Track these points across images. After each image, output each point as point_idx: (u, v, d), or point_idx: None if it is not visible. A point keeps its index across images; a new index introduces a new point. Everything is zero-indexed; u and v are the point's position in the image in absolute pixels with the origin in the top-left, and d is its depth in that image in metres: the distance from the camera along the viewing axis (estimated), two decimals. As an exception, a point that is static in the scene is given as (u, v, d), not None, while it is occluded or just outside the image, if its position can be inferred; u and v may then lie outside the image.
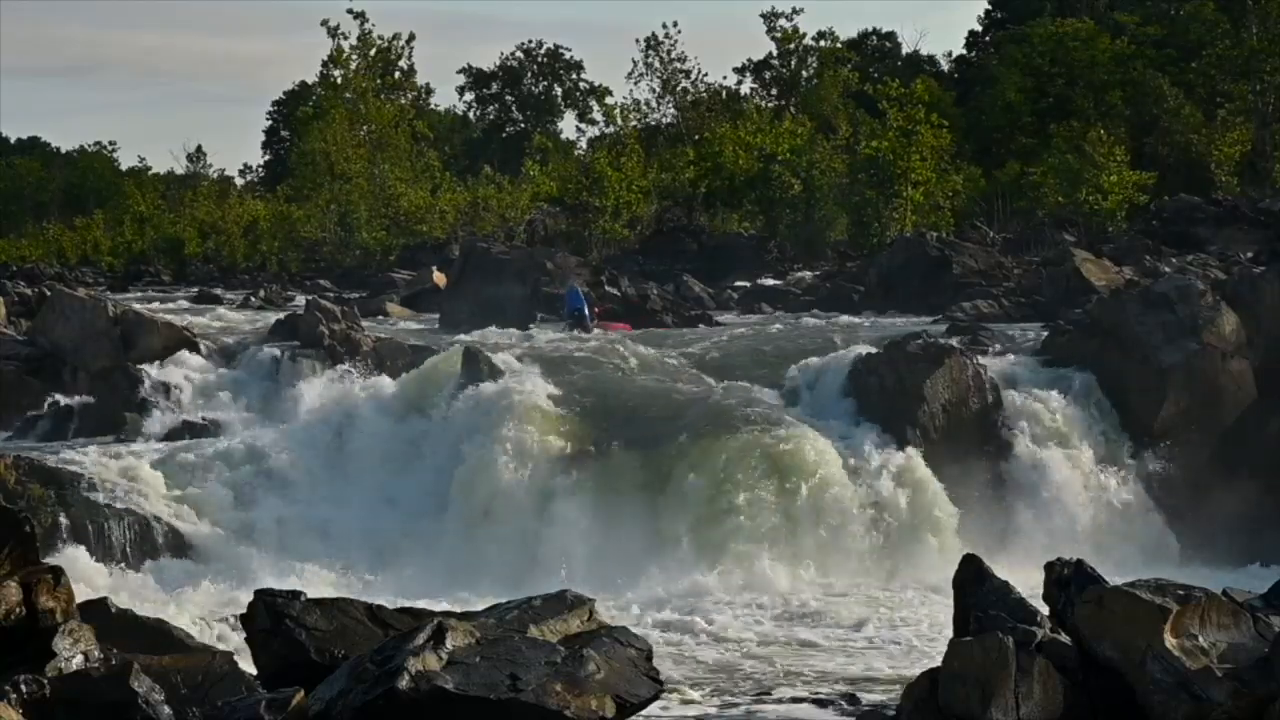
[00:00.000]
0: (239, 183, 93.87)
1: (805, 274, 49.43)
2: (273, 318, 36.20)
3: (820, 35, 74.48)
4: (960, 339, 30.52)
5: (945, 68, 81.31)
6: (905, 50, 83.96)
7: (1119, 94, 60.74)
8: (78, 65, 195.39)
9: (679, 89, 70.53)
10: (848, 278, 45.96)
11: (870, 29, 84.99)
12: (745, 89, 75.13)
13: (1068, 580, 13.80)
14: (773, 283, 47.73)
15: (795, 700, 17.03)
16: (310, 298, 36.24)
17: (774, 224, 56.53)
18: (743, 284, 47.01)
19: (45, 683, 12.74)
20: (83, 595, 14.27)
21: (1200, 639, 12.98)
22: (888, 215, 53.00)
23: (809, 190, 55.60)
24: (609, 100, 73.82)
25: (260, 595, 14.18)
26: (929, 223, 52.32)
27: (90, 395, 29.29)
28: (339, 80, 70.41)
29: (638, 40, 70.05)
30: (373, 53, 69.43)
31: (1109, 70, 61.72)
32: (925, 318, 37.15)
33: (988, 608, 13.73)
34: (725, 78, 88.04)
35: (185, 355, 30.50)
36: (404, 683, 12.49)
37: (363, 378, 29.38)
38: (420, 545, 25.30)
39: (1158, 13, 69.60)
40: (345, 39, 68.92)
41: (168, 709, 12.98)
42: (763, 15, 71.98)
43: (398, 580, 23.83)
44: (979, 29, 79.42)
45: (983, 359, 28.72)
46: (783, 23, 72.21)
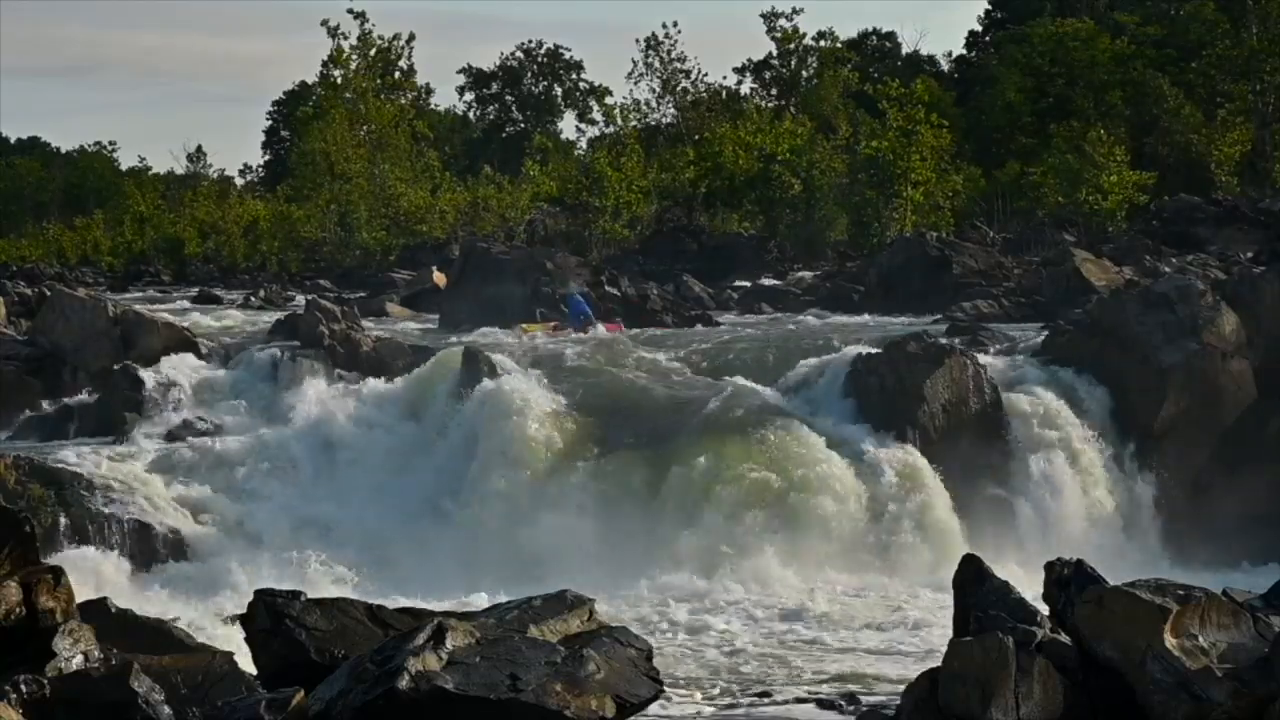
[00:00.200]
0: (239, 183, 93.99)
1: (805, 274, 49.42)
2: (273, 318, 36.21)
3: (820, 35, 74.61)
4: (960, 339, 30.52)
5: (945, 68, 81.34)
6: (905, 50, 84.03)
7: (1119, 94, 60.73)
8: (78, 65, 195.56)
9: (679, 89, 70.54)
10: (848, 278, 45.95)
11: (870, 29, 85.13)
12: (745, 89, 75.25)
13: (1068, 580, 13.80)
14: (773, 283, 47.71)
15: (795, 700, 17.03)
16: (310, 298, 36.22)
17: (774, 224, 56.53)
18: (743, 284, 46.99)
19: (45, 683, 12.74)
20: (82, 595, 14.27)
21: (1200, 639, 12.98)
22: (888, 215, 53.01)
23: (809, 190, 55.60)
24: (609, 100, 73.89)
25: (260, 595, 14.18)
26: (929, 223, 52.33)
27: (90, 395, 29.28)
28: (339, 80, 70.36)
29: (638, 40, 70.15)
30: (373, 53, 69.40)
31: (1109, 70, 61.71)
32: (925, 318, 37.14)
33: (988, 608, 13.73)
34: (725, 78, 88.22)
35: (185, 355, 30.49)
36: (404, 683, 12.49)
37: (363, 378, 29.37)
38: (420, 545, 25.29)
39: (1158, 13, 69.59)
40: (345, 39, 68.96)
41: (168, 709, 12.97)
42: (763, 15, 72.10)
43: (398, 580, 23.81)
44: (979, 29, 79.50)
45: (983, 359, 28.71)
46: (783, 23, 72.30)
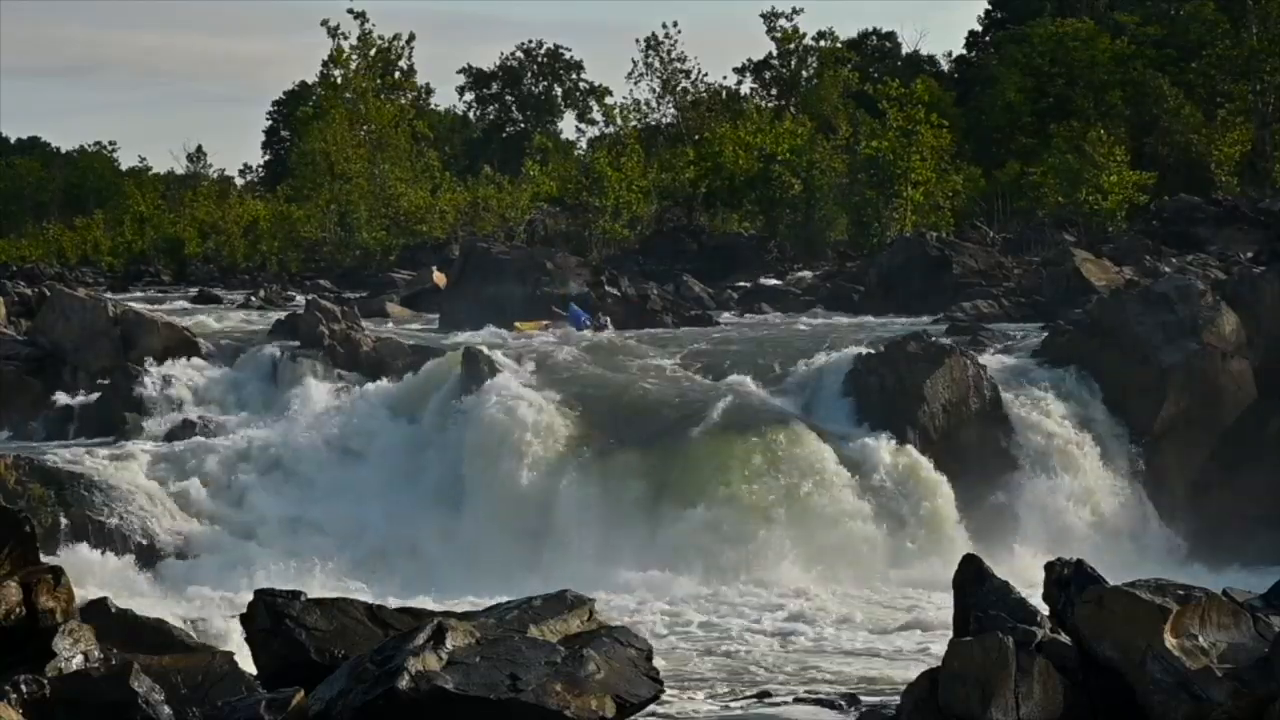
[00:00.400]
0: (239, 183, 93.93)
1: (805, 274, 49.41)
2: (273, 318, 36.20)
3: (820, 35, 74.51)
4: (960, 339, 30.53)
5: (945, 68, 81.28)
6: (905, 50, 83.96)
7: (1119, 94, 60.71)
8: (78, 65, 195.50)
9: (679, 89, 70.51)
10: (848, 278, 45.95)
11: (870, 29, 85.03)
12: (745, 89, 75.18)
13: (1068, 580, 13.80)
14: (773, 283, 47.70)
15: (795, 700, 17.02)
16: (310, 298, 36.23)
17: (774, 224, 56.51)
18: (743, 284, 46.99)
19: (45, 683, 12.74)
20: (82, 596, 14.27)
21: (1200, 639, 12.98)
22: (888, 215, 53.00)
23: (809, 190, 55.57)
24: (609, 100, 73.85)
25: (260, 595, 14.18)
26: (929, 223, 52.32)
27: (90, 395, 29.28)
28: (339, 80, 70.34)
29: (638, 40, 70.06)
30: (373, 53, 69.38)
31: (1109, 70, 61.69)
32: (925, 318, 37.15)
33: (988, 608, 13.73)
34: (725, 78, 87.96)
35: (185, 355, 30.53)
36: (404, 683, 12.49)
37: (363, 378, 29.37)
38: (421, 545, 25.30)
39: (1158, 13, 69.57)
40: (345, 39, 68.92)
41: (168, 709, 12.98)
42: (763, 15, 72.02)
43: (398, 580, 23.83)
44: (979, 29, 79.43)
45: (983, 359, 28.71)
46: (783, 23, 72.21)
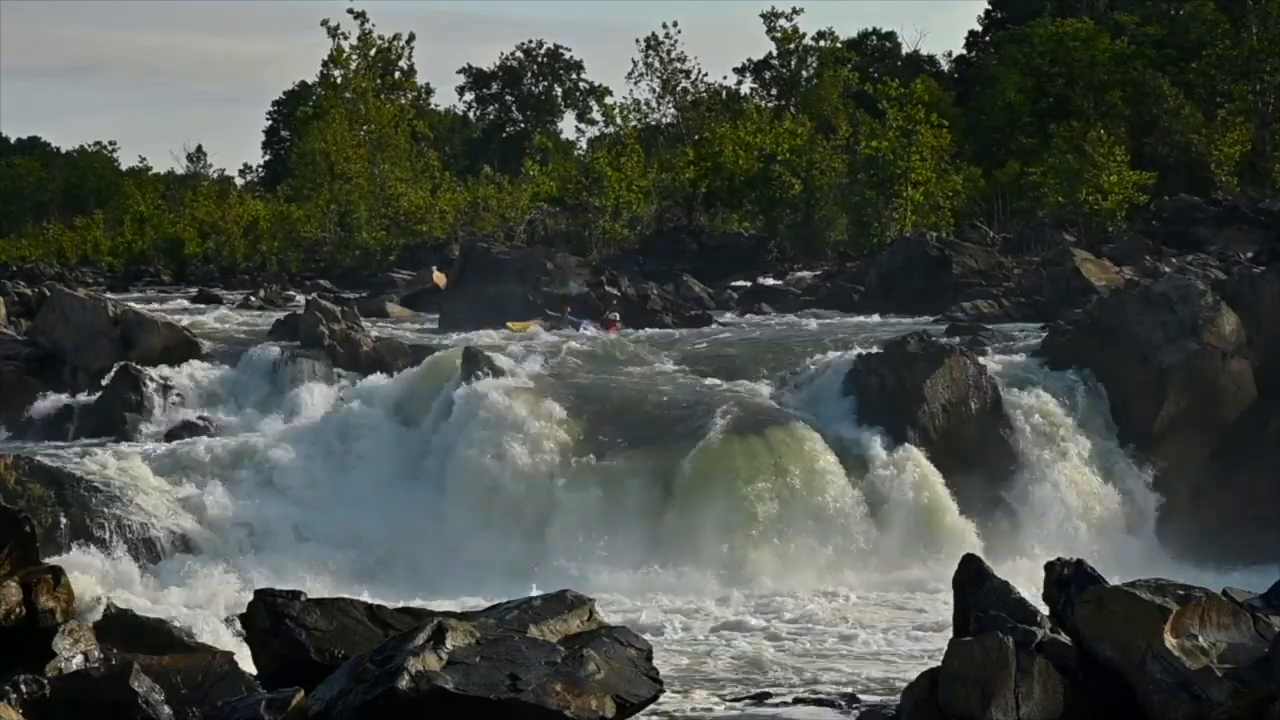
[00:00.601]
0: (239, 183, 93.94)
1: (805, 274, 49.42)
2: (273, 318, 36.19)
3: (820, 35, 74.56)
4: (960, 339, 30.52)
5: (945, 68, 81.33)
6: (905, 50, 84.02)
7: (1119, 94, 60.72)
8: (78, 65, 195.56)
9: (679, 89, 70.54)
10: (848, 278, 45.96)
11: (870, 29, 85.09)
12: (745, 89, 75.22)
13: (1068, 580, 13.81)
14: (773, 283, 47.72)
15: (795, 700, 17.02)
16: (310, 298, 36.21)
17: (774, 224, 56.51)
18: (743, 284, 47.00)
19: (45, 683, 12.75)
20: (81, 596, 14.28)
21: (1200, 639, 12.99)
22: (888, 215, 53.01)
23: (809, 190, 55.58)
24: (609, 100, 73.87)
25: (260, 595, 14.19)
26: (929, 223, 52.33)
27: (90, 395, 29.27)
28: (339, 80, 70.33)
29: (638, 40, 70.13)
30: (373, 53, 69.38)
31: (1109, 70, 61.70)
32: (925, 318, 37.15)
33: (988, 608, 13.74)
34: (725, 78, 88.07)
35: (185, 355, 30.53)
36: (404, 683, 12.49)
37: (363, 377, 29.36)
38: (420, 545, 25.27)
39: (1158, 13, 69.58)
40: (345, 39, 68.92)
41: (168, 709, 12.99)
42: (763, 15, 72.06)
43: (398, 580, 23.81)
44: (979, 29, 79.48)
45: (983, 359, 28.71)
46: (783, 23, 72.25)
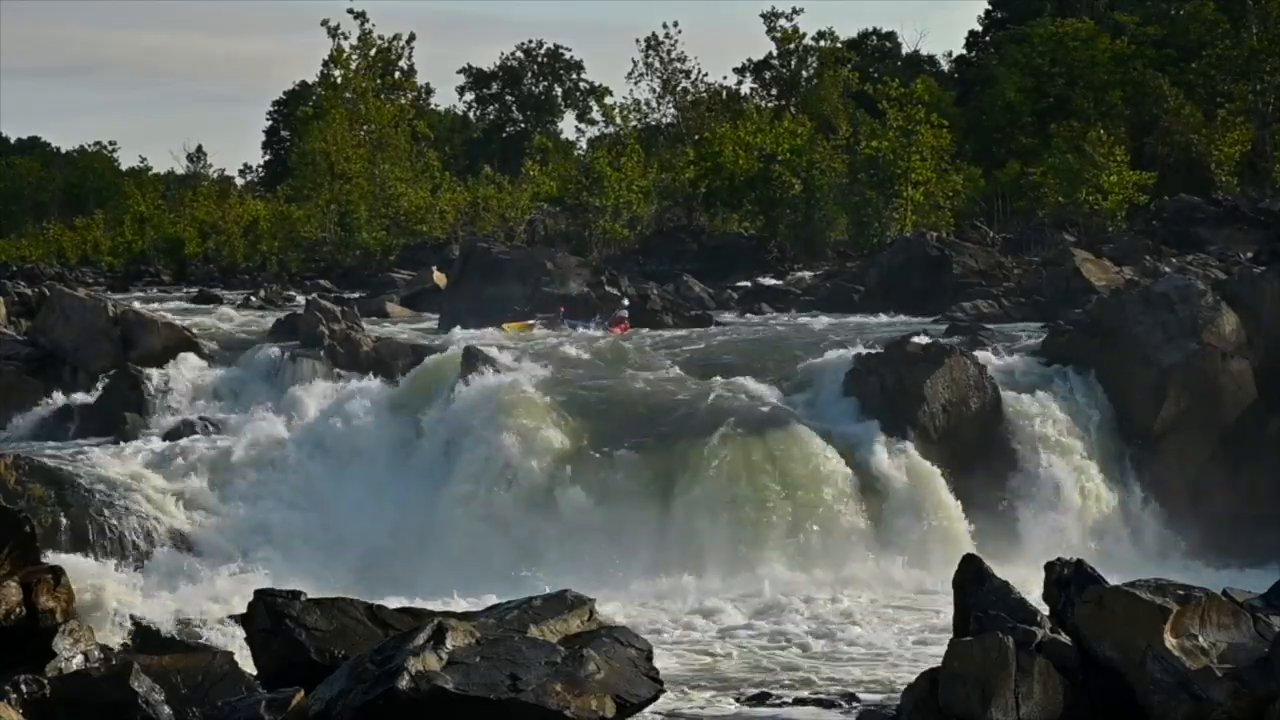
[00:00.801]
0: (239, 183, 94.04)
1: (805, 274, 49.44)
2: (273, 318, 36.19)
3: (820, 35, 74.69)
4: (960, 339, 30.51)
5: (945, 68, 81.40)
6: (905, 50, 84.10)
7: (1119, 94, 60.73)
8: (78, 65, 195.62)
9: (679, 89, 70.61)
10: (848, 278, 45.96)
11: (870, 29, 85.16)
12: (745, 89, 75.33)
13: (1068, 580, 13.82)
14: (773, 283, 47.73)
15: (795, 701, 17.02)
16: (310, 298, 36.24)
17: (774, 224, 56.52)
18: (743, 284, 47.01)
19: (45, 683, 12.75)
20: (81, 596, 14.28)
21: (1200, 639, 12.99)
22: (888, 215, 53.03)
23: (809, 190, 55.60)
24: (609, 100, 73.96)
25: (260, 595, 14.20)
26: (929, 223, 52.35)
27: (90, 395, 29.27)
28: (339, 80, 70.42)
29: (638, 40, 70.29)
30: (373, 53, 69.45)
31: (1109, 70, 61.70)
32: (925, 318, 37.14)
33: (988, 608, 13.74)
34: (725, 78, 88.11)
35: (185, 355, 30.51)
36: (404, 683, 12.49)
37: (363, 377, 29.35)
38: (420, 545, 25.26)
39: (1158, 13, 69.60)
40: (345, 39, 69.04)
41: (168, 709, 12.99)
42: (763, 15, 72.17)
43: (397, 580, 23.79)
44: (979, 29, 79.52)
45: (983, 359, 28.69)
46: (783, 23, 72.36)
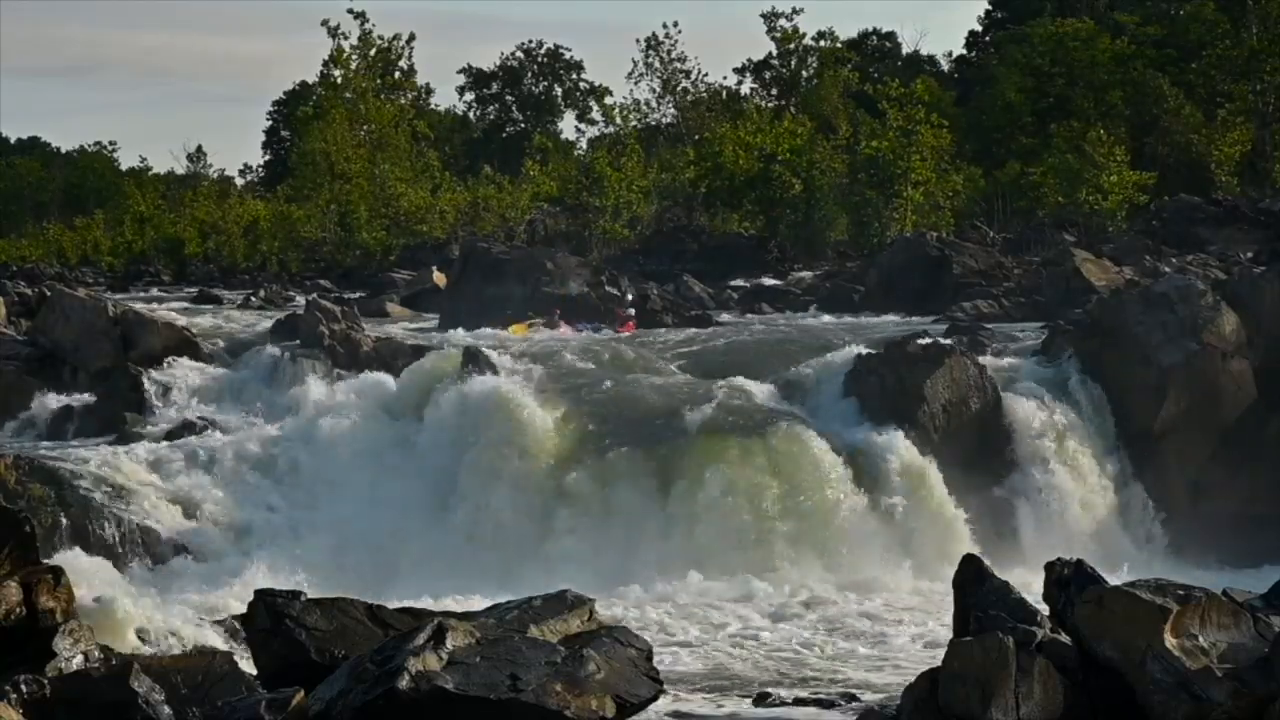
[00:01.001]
0: (239, 183, 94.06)
1: (805, 274, 49.43)
2: (273, 318, 36.18)
3: (820, 35, 74.73)
4: (960, 339, 30.51)
5: (945, 68, 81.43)
6: (905, 50, 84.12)
7: (1119, 94, 60.72)
8: (78, 65, 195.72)
9: (679, 89, 70.63)
10: (848, 278, 45.96)
11: (870, 29, 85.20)
12: (745, 89, 75.34)
13: (1068, 580, 13.82)
14: (773, 283, 47.72)
15: (795, 701, 17.02)
16: (310, 298, 36.20)
17: (774, 224, 56.52)
18: (743, 284, 47.01)
19: (45, 683, 12.75)
20: (82, 596, 14.28)
21: (1200, 639, 12.99)
22: (888, 215, 53.02)
23: (809, 190, 55.59)
24: (609, 100, 73.99)
25: (260, 595, 14.20)
26: (929, 223, 52.34)
27: (90, 395, 29.23)
28: (339, 80, 70.43)
29: (638, 40, 70.35)
30: (373, 53, 69.46)
31: (1109, 70, 61.70)
32: (925, 318, 37.14)
33: (988, 608, 13.74)
34: (725, 78, 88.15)
35: (185, 355, 30.49)
36: (404, 683, 12.50)
37: (362, 378, 29.34)
38: (420, 545, 25.24)
39: (1158, 13, 69.60)
40: (345, 39, 69.05)
41: (168, 709, 12.99)
42: (763, 15, 72.20)
43: (398, 580, 23.79)
44: (979, 29, 79.58)
45: (983, 359, 28.70)
46: (783, 23, 72.38)
